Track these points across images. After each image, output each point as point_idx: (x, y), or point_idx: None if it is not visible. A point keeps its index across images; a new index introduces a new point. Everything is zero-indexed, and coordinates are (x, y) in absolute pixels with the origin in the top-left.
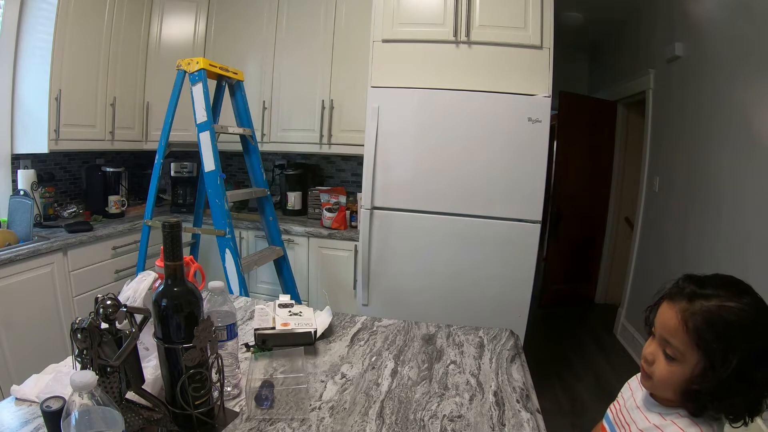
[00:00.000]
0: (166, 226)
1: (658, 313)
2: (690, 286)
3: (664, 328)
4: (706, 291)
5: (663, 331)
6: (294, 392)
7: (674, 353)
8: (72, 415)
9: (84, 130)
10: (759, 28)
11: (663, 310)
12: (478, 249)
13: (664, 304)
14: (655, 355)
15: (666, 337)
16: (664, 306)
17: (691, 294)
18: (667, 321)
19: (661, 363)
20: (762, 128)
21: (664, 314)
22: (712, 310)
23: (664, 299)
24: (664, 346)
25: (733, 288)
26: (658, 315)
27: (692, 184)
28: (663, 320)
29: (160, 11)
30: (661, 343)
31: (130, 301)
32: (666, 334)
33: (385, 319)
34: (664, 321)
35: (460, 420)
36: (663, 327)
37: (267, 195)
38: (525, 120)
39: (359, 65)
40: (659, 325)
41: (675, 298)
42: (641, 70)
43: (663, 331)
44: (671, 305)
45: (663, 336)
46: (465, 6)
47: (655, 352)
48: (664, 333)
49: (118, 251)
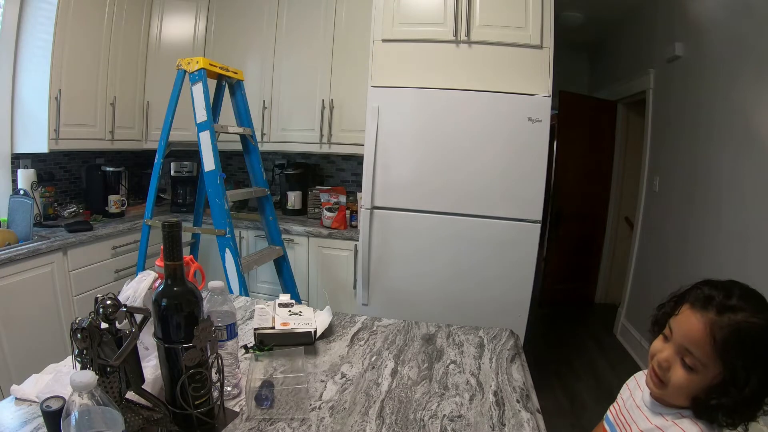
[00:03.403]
0: (165, 225)
1: (680, 320)
2: (718, 296)
3: (688, 337)
4: (733, 302)
5: (685, 340)
6: (294, 392)
7: (694, 363)
8: (72, 415)
9: (84, 130)
10: (759, 28)
11: (686, 318)
12: (478, 249)
13: (687, 311)
14: (671, 362)
15: (688, 346)
16: (688, 314)
17: (720, 306)
18: (692, 331)
19: (679, 371)
20: (762, 128)
21: (688, 323)
22: (741, 326)
23: (684, 304)
24: (683, 354)
25: (756, 301)
26: (679, 322)
27: (692, 184)
28: (687, 329)
29: (160, 11)
30: (680, 351)
31: (130, 300)
32: (689, 343)
33: (385, 319)
34: (688, 330)
35: (460, 420)
36: (686, 336)
37: (267, 194)
38: (525, 120)
39: (359, 65)
40: (681, 333)
41: (702, 307)
42: (641, 69)
43: (685, 340)
44: (697, 315)
45: (684, 345)
46: (465, 6)
47: (671, 359)
48: (686, 342)
49: (118, 251)
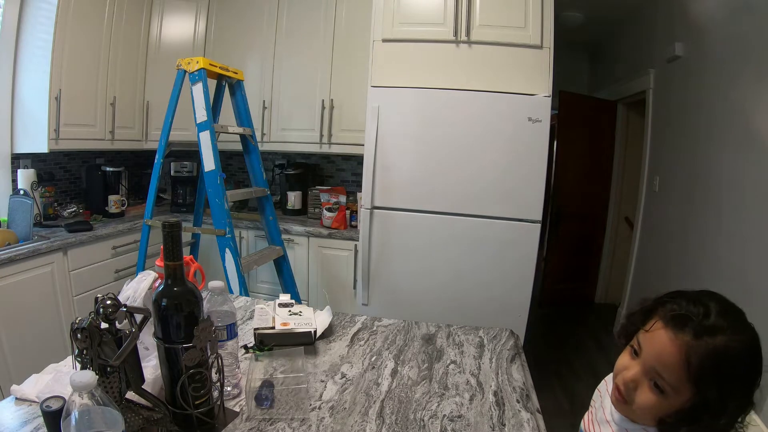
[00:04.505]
0: (166, 225)
1: (652, 339)
2: (696, 316)
3: (660, 360)
4: (711, 322)
5: (657, 363)
6: (294, 392)
7: (665, 386)
8: (72, 415)
9: (84, 130)
10: (759, 28)
11: (659, 337)
12: (477, 248)
13: (661, 330)
14: (638, 382)
15: (660, 369)
16: (661, 333)
17: (698, 328)
18: (665, 354)
19: (646, 393)
20: (762, 128)
21: (661, 344)
22: (718, 350)
23: (655, 317)
24: (653, 376)
25: (735, 318)
26: (650, 340)
27: (692, 184)
28: (660, 351)
29: (160, 11)
30: (649, 372)
31: (130, 300)
32: (660, 366)
33: (385, 319)
34: (661, 352)
35: (460, 420)
36: (658, 358)
37: (267, 194)
38: (525, 120)
39: (359, 65)
40: (653, 354)
41: (676, 327)
42: (641, 69)
43: (657, 362)
44: (671, 335)
45: (655, 367)
46: (465, 5)
47: (639, 379)
48: (657, 364)
49: (118, 251)
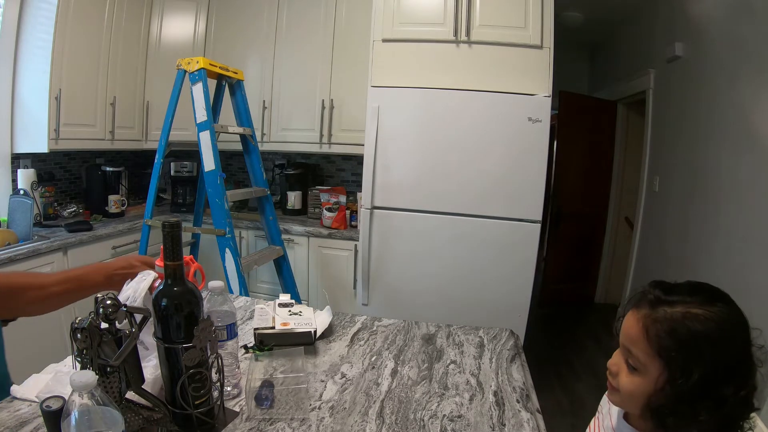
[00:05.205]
0: (166, 225)
1: (624, 323)
2: (655, 292)
3: (626, 336)
4: (672, 297)
5: (625, 340)
6: (294, 392)
7: (636, 363)
8: (72, 415)
9: (84, 130)
10: (759, 28)
11: (627, 319)
12: (477, 248)
13: (630, 311)
14: (619, 366)
15: (628, 346)
16: (629, 314)
17: (654, 300)
18: (628, 329)
19: (624, 374)
20: (762, 128)
21: (627, 322)
22: (675, 318)
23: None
24: (626, 356)
25: (704, 295)
26: (623, 325)
27: (692, 184)
28: (625, 328)
29: (160, 11)
30: (624, 353)
31: (130, 300)
32: (628, 342)
33: (385, 319)
34: (626, 329)
35: (460, 420)
36: (625, 335)
37: (267, 194)
38: (525, 120)
39: (359, 65)
40: (622, 333)
41: (639, 304)
42: (641, 70)
43: (625, 339)
44: (634, 312)
45: (625, 345)
46: (465, 5)
47: (619, 363)
48: (626, 342)
49: (118, 251)
